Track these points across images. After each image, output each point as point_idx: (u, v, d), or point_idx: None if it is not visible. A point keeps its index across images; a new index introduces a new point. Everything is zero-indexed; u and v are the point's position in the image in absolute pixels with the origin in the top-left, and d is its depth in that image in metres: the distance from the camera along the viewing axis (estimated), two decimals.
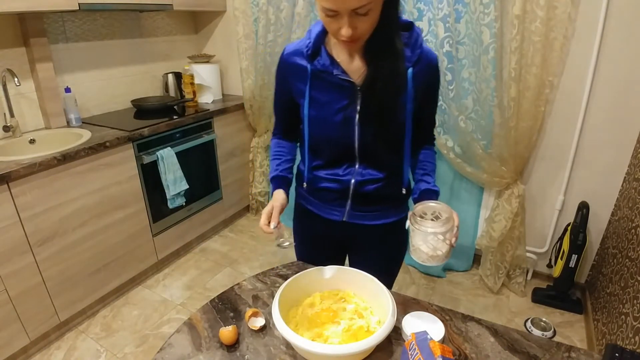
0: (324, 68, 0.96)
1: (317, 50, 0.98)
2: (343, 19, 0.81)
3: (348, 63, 0.97)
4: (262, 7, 2.49)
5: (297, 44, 1.02)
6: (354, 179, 1.06)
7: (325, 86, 0.98)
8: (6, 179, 1.58)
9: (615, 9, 1.74)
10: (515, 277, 2.27)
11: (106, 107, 2.53)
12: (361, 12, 0.79)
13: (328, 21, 0.84)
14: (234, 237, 2.89)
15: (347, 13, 0.79)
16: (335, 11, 0.80)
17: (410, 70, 0.95)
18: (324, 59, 0.97)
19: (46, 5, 1.81)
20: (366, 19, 0.81)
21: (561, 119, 2.00)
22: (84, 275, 1.97)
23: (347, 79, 0.95)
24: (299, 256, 1.30)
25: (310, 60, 0.98)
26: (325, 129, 1.02)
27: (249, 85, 2.75)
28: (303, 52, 0.99)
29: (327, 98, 0.99)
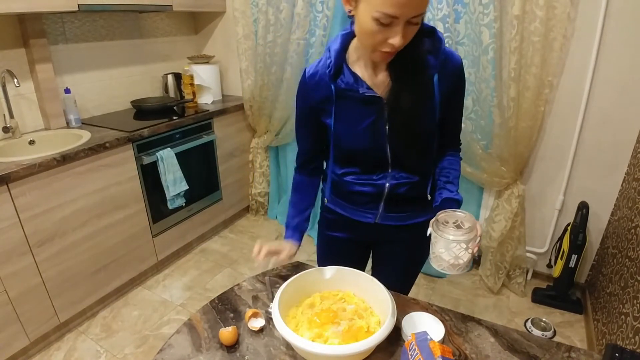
0: (349, 86, 0.95)
1: (339, 69, 0.96)
2: (397, 27, 0.78)
3: (371, 78, 0.96)
4: (261, 7, 2.49)
5: (317, 66, 1.00)
6: (388, 182, 1.06)
7: (352, 104, 0.97)
8: (6, 180, 1.57)
9: (614, 9, 1.74)
10: (515, 277, 2.27)
11: (106, 107, 2.53)
12: (415, 20, 0.78)
13: (377, 31, 0.79)
14: (234, 238, 2.89)
15: (405, 21, 0.77)
16: (394, 18, 0.76)
17: (435, 77, 0.94)
18: (347, 77, 0.95)
19: (46, 6, 1.81)
20: (414, 28, 0.81)
21: (561, 119, 2.00)
22: (83, 276, 1.97)
23: (373, 95, 0.94)
24: (319, 259, 1.32)
25: (334, 80, 0.96)
26: (355, 144, 1.01)
27: (249, 86, 2.75)
28: (325, 73, 0.97)
29: (355, 115, 0.98)
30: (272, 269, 1.14)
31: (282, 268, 1.15)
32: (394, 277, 1.15)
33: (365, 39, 0.84)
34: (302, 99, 1.05)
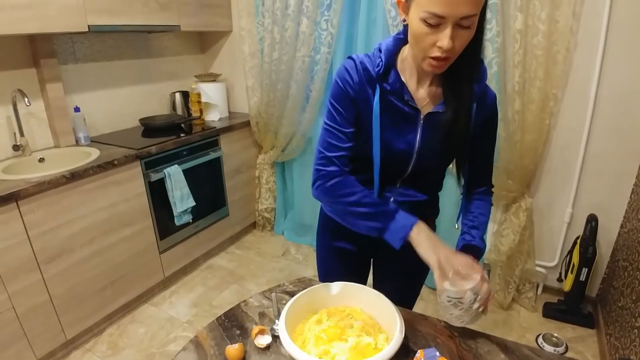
0: (393, 90, 0.92)
1: (387, 71, 0.93)
2: (446, 29, 0.76)
3: (415, 90, 0.94)
4: (267, 26, 2.54)
5: (365, 59, 0.95)
6: (393, 197, 1.05)
7: (390, 110, 0.95)
8: (15, 197, 1.60)
9: (616, 20, 1.76)
10: (525, 291, 2.24)
11: (114, 125, 2.57)
12: (466, 23, 0.76)
13: (425, 33, 0.78)
14: (240, 254, 2.88)
15: (453, 22, 0.75)
16: (442, 18, 0.75)
17: (474, 105, 0.93)
18: (394, 80, 0.92)
19: (56, 27, 1.86)
20: (466, 33, 0.78)
21: (566, 131, 2.00)
22: (90, 292, 1.98)
23: (414, 106, 0.93)
24: (321, 272, 1.30)
25: (380, 81, 0.93)
26: (387, 155, 0.98)
27: (255, 103, 2.78)
28: (371, 71, 0.93)
29: (390, 122, 0.95)
30: (279, 285, 1.13)
31: (288, 284, 1.15)
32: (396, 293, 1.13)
33: (416, 44, 0.83)
34: (353, 82, 0.95)
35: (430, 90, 0.94)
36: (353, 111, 0.96)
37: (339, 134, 0.97)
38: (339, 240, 1.20)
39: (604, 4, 1.75)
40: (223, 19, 2.82)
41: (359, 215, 0.97)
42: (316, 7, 2.36)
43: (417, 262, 0.94)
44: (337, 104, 0.96)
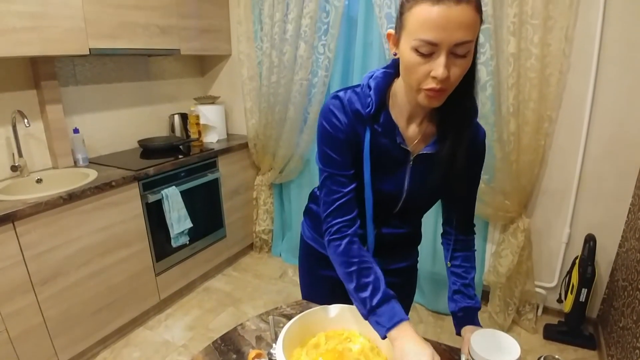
0: (385, 132, 0.89)
1: (377, 111, 0.88)
2: (439, 57, 0.71)
3: (405, 129, 0.90)
4: (266, 50, 2.59)
5: (353, 97, 0.89)
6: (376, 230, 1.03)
7: (381, 151, 0.91)
8: (12, 217, 1.59)
9: (608, 43, 1.80)
10: (525, 313, 2.21)
11: (113, 147, 2.58)
12: (461, 51, 0.71)
13: (417, 62, 0.73)
14: (237, 276, 2.85)
15: (447, 49, 0.71)
16: (435, 45, 0.71)
17: None
18: (385, 121, 0.88)
19: (59, 50, 1.89)
20: (462, 62, 0.73)
21: (562, 152, 2.02)
22: (85, 315, 1.94)
23: (405, 148, 0.90)
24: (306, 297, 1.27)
25: (372, 123, 0.88)
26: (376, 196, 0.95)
27: (253, 125, 2.81)
28: (362, 111, 0.88)
29: (380, 163, 0.92)
30: (276, 307, 1.12)
31: (286, 307, 1.14)
32: None
33: (409, 76, 0.77)
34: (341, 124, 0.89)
35: (421, 128, 0.90)
36: (348, 153, 0.91)
37: (340, 178, 0.92)
38: (324, 269, 1.14)
39: (595, 27, 1.80)
40: (223, 44, 2.87)
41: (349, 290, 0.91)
42: (314, 31, 2.41)
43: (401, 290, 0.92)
44: (329, 150, 0.91)
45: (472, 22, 0.70)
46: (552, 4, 1.78)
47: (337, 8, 2.30)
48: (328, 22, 2.38)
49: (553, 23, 1.80)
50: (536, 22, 1.80)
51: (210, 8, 2.70)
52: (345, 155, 0.91)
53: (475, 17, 0.71)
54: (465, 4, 0.68)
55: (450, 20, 0.68)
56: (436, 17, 0.69)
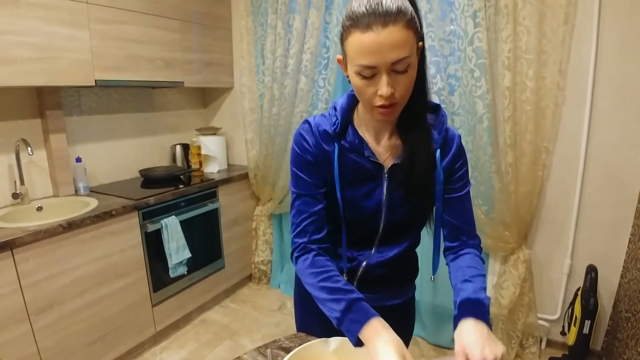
0: (352, 147, 0.92)
1: (344, 128, 0.93)
2: (381, 77, 0.76)
3: (375, 143, 0.94)
4: (267, 84, 2.65)
5: (321, 120, 0.95)
6: (365, 261, 1.02)
7: (352, 167, 0.94)
8: (10, 245, 1.58)
9: (601, 76, 1.85)
10: (528, 346, 2.17)
11: (115, 176, 2.60)
12: (400, 68, 0.76)
13: (363, 85, 0.79)
14: (235, 308, 2.81)
15: (386, 69, 0.75)
16: (374, 68, 0.75)
17: (437, 152, 0.92)
18: (352, 137, 0.92)
19: (64, 81, 1.94)
20: (404, 77, 0.78)
21: (560, 182, 2.04)
22: (79, 346, 1.90)
23: (376, 161, 0.92)
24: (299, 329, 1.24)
25: (338, 139, 0.93)
26: (355, 213, 0.96)
27: (254, 156, 2.84)
28: (329, 130, 0.93)
29: (353, 179, 0.94)
30: (275, 340, 1.10)
31: (284, 339, 1.12)
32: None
33: (360, 97, 0.83)
34: (308, 144, 0.95)
35: (390, 142, 0.94)
36: (316, 174, 0.95)
37: (308, 198, 0.96)
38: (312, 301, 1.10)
39: (588, 62, 1.85)
40: (225, 77, 2.95)
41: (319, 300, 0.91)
42: (314, 66, 2.48)
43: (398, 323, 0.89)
44: (298, 172, 0.96)
45: (402, 40, 0.74)
46: (545, 39, 1.85)
47: (337, 43, 2.38)
48: (328, 57, 2.45)
49: (547, 57, 1.86)
50: (530, 57, 1.86)
51: (213, 43, 2.78)
52: (313, 176, 0.95)
53: (406, 34, 0.74)
54: (392, 26, 0.73)
55: (381, 44, 0.73)
56: (368, 43, 0.74)
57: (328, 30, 2.42)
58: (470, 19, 1.89)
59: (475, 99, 1.96)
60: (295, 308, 1.25)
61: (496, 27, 1.89)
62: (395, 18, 0.73)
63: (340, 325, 0.86)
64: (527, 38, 1.85)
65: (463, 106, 2.05)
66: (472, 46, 1.91)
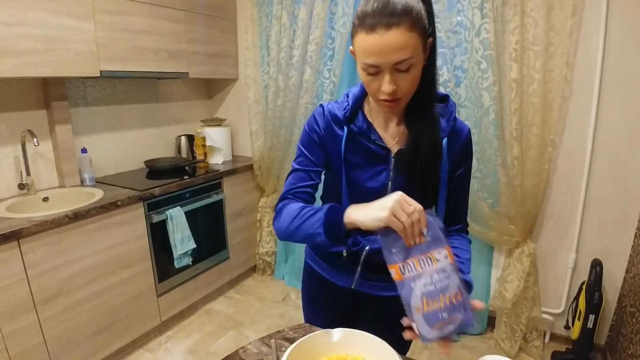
0: (361, 131, 0.96)
1: (354, 114, 0.98)
2: (384, 75, 0.80)
3: (383, 129, 0.97)
4: (272, 75, 2.64)
5: (336, 105, 1.01)
6: (369, 245, 1.03)
7: (360, 150, 0.98)
8: (17, 235, 1.60)
9: (609, 69, 1.83)
10: (532, 340, 2.17)
11: (120, 167, 2.61)
12: (402, 67, 0.79)
13: (369, 80, 0.83)
14: (239, 299, 2.83)
15: (389, 68, 0.79)
16: (377, 67, 0.79)
17: (445, 141, 0.95)
18: (361, 122, 0.97)
19: (70, 72, 1.94)
20: (407, 76, 0.81)
21: (566, 176, 2.02)
22: (85, 336, 1.92)
23: (383, 145, 0.95)
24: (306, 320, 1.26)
25: (348, 123, 0.98)
26: (356, 194, 0.99)
27: (258, 147, 2.84)
28: (340, 115, 0.99)
29: (361, 162, 0.98)
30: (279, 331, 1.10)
31: (288, 330, 1.12)
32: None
33: (368, 90, 0.88)
34: (318, 127, 1.01)
35: (399, 129, 0.97)
36: (320, 154, 1.02)
37: (303, 174, 1.02)
38: (321, 291, 1.18)
39: (596, 53, 1.83)
40: (230, 68, 2.94)
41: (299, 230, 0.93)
42: (319, 57, 2.47)
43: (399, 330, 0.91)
44: (302, 148, 1.04)
45: (405, 43, 0.76)
46: (553, 31, 1.82)
47: (342, 34, 2.36)
48: (333, 48, 2.43)
49: (554, 50, 1.84)
50: (538, 49, 1.83)
51: (218, 34, 2.77)
52: (314, 154, 1.02)
53: (410, 37, 0.76)
54: (395, 29, 0.75)
55: (384, 46, 0.76)
56: (372, 44, 0.77)
57: (333, 21, 2.40)
58: (478, 10, 1.87)
59: (482, 91, 1.94)
60: (303, 301, 1.27)
61: (503, 19, 1.87)
62: (399, 21, 0.75)
63: (325, 228, 0.88)
64: (535, 30, 1.82)
65: (469, 98, 2.03)
66: (479, 38, 1.89)
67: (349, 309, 1.16)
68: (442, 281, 0.77)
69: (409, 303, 0.78)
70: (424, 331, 0.77)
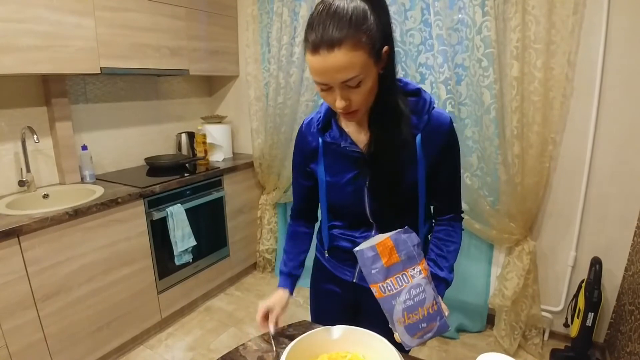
0: (334, 140, 0.99)
1: (327, 123, 1.01)
2: (334, 91, 0.82)
3: (356, 134, 0.99)
4: (272, 72, 2.64)
5: (312, 118, 1.06)
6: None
7: (336, 157, 1.01)
8: (17, 232, 1.60)
9: (610, 68, 1.82)
10: (531, 337, 2.17)
11: (120, 164, 2.61)
12: (351, 84, 0.79)
13: (324, 95, 0.86)
14: (240, 296, 2.83)
15: (338, 86, 0.80)
16: (327, 84, 0.81)
17: (418, 137, 0.94)
18: (334, 131, 1.00)
19: (70, 69, 1.94)
20: (358, 90, 0.81)
21: (567, 174, 2.02)
22: (85, 333, 1.93)
23: (355, 150, 0.97)
24: (311, 312, 1.31)
25: (322, 133, 1.01)
26: (339, 197, 1.04)
27: (259, 145, 2.84)
28: (313, 127, 1.04)
29: (339, 168, 1.02)
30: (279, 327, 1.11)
31: (288, 327, 1.13)
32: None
33: (325, 101, 0.90)
34: (299, 149, 1.11)
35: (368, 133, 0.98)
36: (303, 168, 1.11)
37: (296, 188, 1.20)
38: (326, 283, 1.21)
39: (597, 53, 1.82)
40: (231, 65, 2.93)
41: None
42: None
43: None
44: (293, 166, 1.17)
45: (349, 63, 0.76)
46: (554, 29, 1.82)
47: None
48: None
49: (555, 48, 1.83)
50: (539, 47, 1.83)
51: (219, 31, 2.76)
52: (300, 171, 1.13)
53: (353, 56, 0.76)
54: (337, 50, 0.75)
55: (328, 67, 0.77)
56: (316, 65, 0.78)
57: None
58: (479, 8, 1.86)
59: (483, 89, 1.94)
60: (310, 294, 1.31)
61: (505, 16, 1.86)
62: (342, 41, 0.74)
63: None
64: (536, 28, 1.82)
65: (470, 96, 2.03)
66: (480, 35, 1.89)
67: (352, 302, 1.19)
68: (419, 295, 0.84)
69: (392, 317, 0.85)
70: (406, 339, 0.85)
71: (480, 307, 2.35)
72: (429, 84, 2.15)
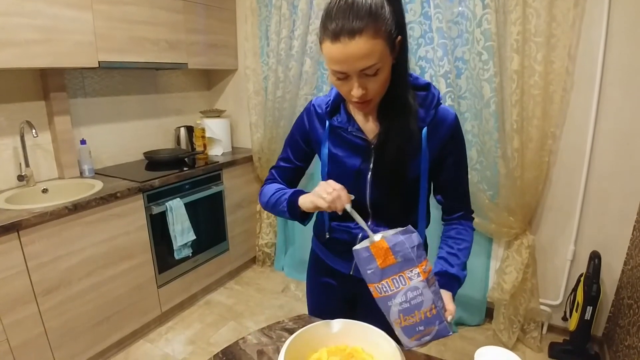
0: (341, 125, 1.00)
1: (336, 108, 1.02)
2: (353, 80, 0.83)
3: (364, 122, 1.00)
4: (271, 66, 2.62)
5: (321, 100, 1.06)
6: (361, 233, 1.05)
7: (342, 142, 1.01)
8: (17, 227, 1.60)
9: (611, 62, 1.82)
10: (530, 331, 2.18)
11: (119, 158, 2.61)
12: (369, 72, 0.81)
13: (339, 84, 0.86)
14: (239, 290, 2.84)
15: (356, 74, 0.81)
16: (345, 73, 0.82)
17: (424, 131, 0.95)
18: (342, 116, 1.00)
19: (68, 63, 1.93)
20: (375, 79, 0.83)
21: (566, 169, 2.02)
22: (86, 327, 1.93)
23: (362, 137, 0.98)
24: (309, 305, 1.30)
25: (329, 117, 1.02)
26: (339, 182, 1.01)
27: (258, 139, 2.83)
28: (322, 108, 1.04)
29: (343, 154, 1.02)
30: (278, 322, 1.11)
31: (288, 321, 1.13)
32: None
33: (339, 91, 0.90)
34: (305, 122, 1.09)
35: (377, 123, 0.99)
36: (298, 149, 1.11)
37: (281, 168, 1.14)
38: (323, 276, 1.21)
39: (598, 46, 1.81)
40: (229, 59, 2.92)
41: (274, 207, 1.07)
42: (319, 48, 2.44)
43: None
44: (287, 144, 1.14)
45: (369, 51, 0.78)
46: (555, 22, 1.81)
47: None
48: None
49: (556, 41, 1.82)
50: (539, 40, 1.82)
51: (218, 24, 2.75)
52: (294, 150, 1.12)
53: (374, 43, 0.77)
54: (359, 37, 0.76)
55: (349, 54, 0.78)
56: (336, 53, 0.79)
57: None
58: (479, 1, 1.85)
59: (483, 83, 1.93)
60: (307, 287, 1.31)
61: (505, 9, 1.85)
62: (362, 30, 0.76)
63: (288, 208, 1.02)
64: (537, 21, 1.81)
65: (470, 90, 2.02)
66: (481, 28, 1.88)
67: (349, 295, 1.19)
68: (415, 298, 0.82)
69: (389, 318, 0.85)
70: (404, 340, 0.85)
71: (479, 301, 2.36)
72: (428, 77, 2.14)
